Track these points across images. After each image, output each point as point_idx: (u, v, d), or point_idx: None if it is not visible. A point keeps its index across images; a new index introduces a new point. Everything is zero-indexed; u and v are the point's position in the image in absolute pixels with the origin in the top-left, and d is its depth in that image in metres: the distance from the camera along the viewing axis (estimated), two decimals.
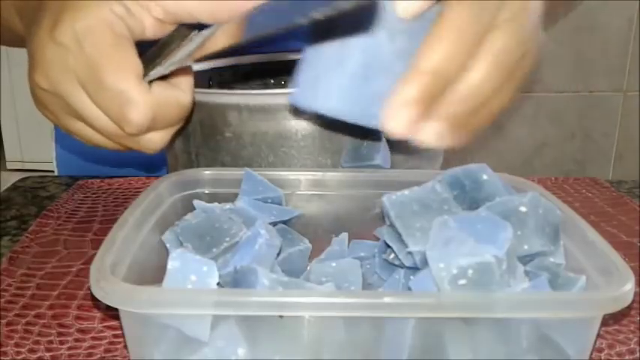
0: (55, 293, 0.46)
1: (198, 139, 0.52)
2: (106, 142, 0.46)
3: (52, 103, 0.44)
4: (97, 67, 0.40)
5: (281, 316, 0.32)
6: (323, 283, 0.37)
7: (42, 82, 0.43)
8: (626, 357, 0.40)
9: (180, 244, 0.39)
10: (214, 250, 0.39)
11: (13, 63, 2.15)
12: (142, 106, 0.41)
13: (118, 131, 0.43)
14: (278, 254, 0.39)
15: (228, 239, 0.39)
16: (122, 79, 0.40)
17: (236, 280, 0.34)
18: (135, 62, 0.41)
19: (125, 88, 0.41)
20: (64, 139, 0.80)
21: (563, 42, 1.69)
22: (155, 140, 0.44)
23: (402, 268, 0.39)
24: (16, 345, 0.40)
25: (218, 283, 0.33)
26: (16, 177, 0.72)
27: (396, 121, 0.35)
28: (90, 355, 0.40)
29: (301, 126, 0.49)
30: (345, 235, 0.45)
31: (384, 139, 0.49)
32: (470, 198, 0.39)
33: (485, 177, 0.39)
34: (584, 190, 0.66)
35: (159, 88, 0.43)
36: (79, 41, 0.40)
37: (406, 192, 0.37)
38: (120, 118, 0.42)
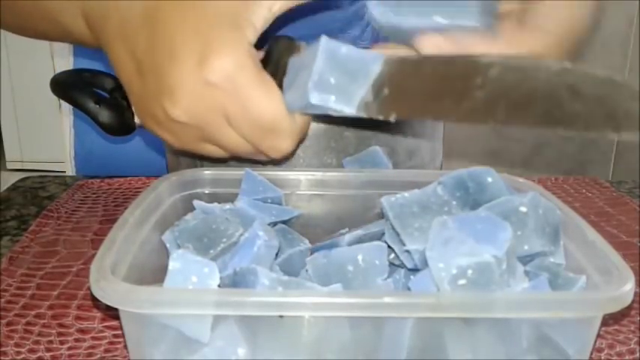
0: (55, 293, 0.46)
1: None
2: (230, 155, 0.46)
3: (185, 133, 0.43)
4: (249, 102, 0.40)
5: (281, 316, 0.32)
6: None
7: (181, 115, 0.41)
8: (626, 357, 0.40)
9: (179, 247, 0.39)
10: (211, 251, 0.39)
11: (13, 63, 2.15)
12: (291, 137, 0.42)
13: (256, 153, 0.44)
14: (277, 254, 0.39)
15: (225, 240, 0.39)
16: (274, 112, 0.40)
17: (236, 282, 0.34)
18: (279, 92, 0.41)
19: (278, 121, 0.41)
20: (84, 140, 0.81)
21: None
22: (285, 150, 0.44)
23: (402, 268, 0.39)
24: (16, 345, 0.40)
25: (218, 286, 0.33)
26: (16, 177, 0.72)
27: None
28: (90, 355, 0.40)
29: None
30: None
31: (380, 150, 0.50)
32: (473, 200, 0.39)
33: (490, 180, 0.39)
34: (584, 190, 0.66)
35: (296, 113, 0.43)
36: (230, 79, 0.40)
37: (406, 194, 0.37)
38: (268, 147, 0.42)
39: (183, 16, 0.41)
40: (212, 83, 0.40)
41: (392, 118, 0.40)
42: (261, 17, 0.41)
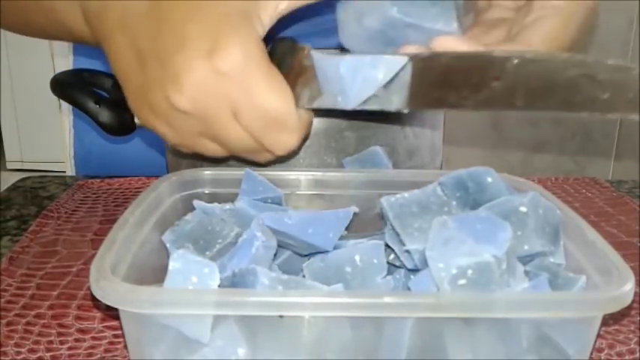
0: (55, 293, 0.46)
1: None
2: (229, 153, 0.45)
3: (185, 125, 0.42)
4: (257, 94, 0.40)
5: (281, 316, 0.32)
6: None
7: (186, 104, 0.40)
8: (626, 357, 0.40)
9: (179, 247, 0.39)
10: (207, 253, 0.39)
11: (13, 63, 2.15)
12: (297, 132, 0.42)
13: (258, 150, 0.43)
14: (276, 255, 0.39)
15: (220, 241, 0.39)
16: (282, 105, 0.40)
17: (235, 283, 0.34)
18: (287, 86, 0.41)
19: (285, 114, 0.40)
20: (84, 140, 0.81)
21: None
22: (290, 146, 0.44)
23: (402, 268, 0.39)
24: (16, 345, 0.40)
25: (217, 287, 0.33)
26: (16, 177, 0.72)
27: None
28: (90, 355, 0.40)
29: None
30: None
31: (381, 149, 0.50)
32: (472, 200, 0.39)
33: (489, 180, 0.39)
34: (584, 190, 0.66)
35: (302, 109, 0.43)
36: (240, 70, 0.39)
37: (406, 194, 0.37)
38: (273, 142, 0.42)
39: (194, 6, 0.41)
40: (222, 72, 0.39)
41: (406, 109, 0.40)
42: (267, 15, 0.41)
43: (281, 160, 0.47)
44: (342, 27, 0.47)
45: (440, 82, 0.38)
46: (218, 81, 0.40)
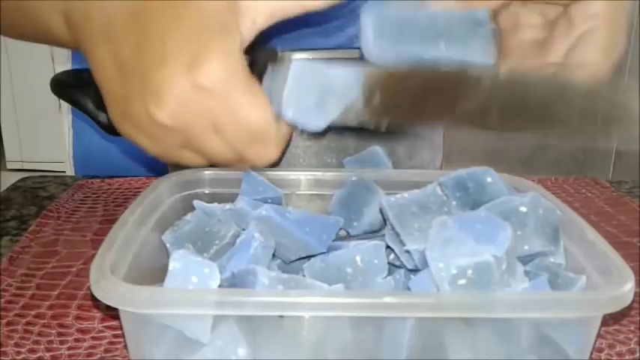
0: (55, 293, 0.46)
1: None
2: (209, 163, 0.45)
3: (165, 138, 0.42)
4: (237, 109, 0.40)
5: (281, 316, 0.32)
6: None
7: (166, 119, 0.40)
8: (626, 357, 0.40)
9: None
10: (205, 254, 0.39)
11: (13, 63, 2.15)
12: (277, 145, 0.42)
13: (239, 161, 0.43)
14: (273, 255, 0.39)
15: (217, 242, 0.39)
16: (262, 119, 0.40)
17: (234, 284, 0.34)
18: (267, 99, 0.41)
19: (265, 128, 0.41)
20: (83, 140, 0.81)
21: None
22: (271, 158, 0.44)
23: (402, 268, 0.39)
24: (16, 345, 0.40)
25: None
26: (16, 177, 0.72)
27: None
28: (90, 355, 0.40)
29: None
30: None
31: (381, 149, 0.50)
32: (472, 200, 0.39)
33: (489, 180, 0.39)
34: (584, 190, 0.66)
35: (282, 121, 0.43)
36: (221, 84, 0.39)
37: (406, 194, 0.37)
38: (254, 155, 0.42)
39: (174, 20, 0.40)
40: (202, 87, 0.39)
41: (383, 126, 0.41)
42: (246, 29, 0.41)
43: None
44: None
45: (416, 96, 0.39)
46: (198, 96, 0.40)
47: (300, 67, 0.40)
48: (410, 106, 0.39)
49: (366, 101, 0.40)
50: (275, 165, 0.45)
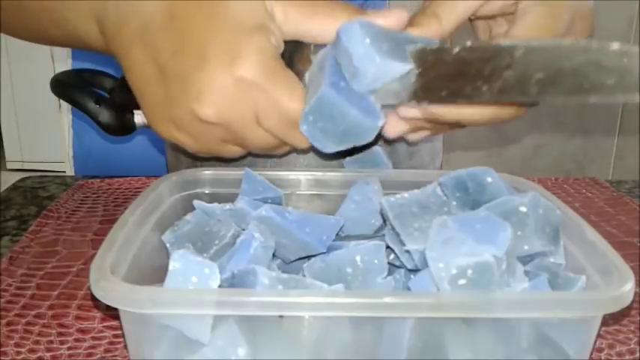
0: (55, 293, 0.46)
1: None
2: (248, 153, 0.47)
3: (209, 134, 0.43)
4: (278, 99, 0.41)
5: (281, 316, 0.32)
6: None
7: (211, 116, 0.41)
8: (626, 357, 0.40)
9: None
10: (205, 254, 0.39)
11: (13, 63, 2.15)
12: None
13: (280, 146, 0.45)
14: (273, 255, 0.40)
15: (217, 242, 0.39)
16: (302, 106, 0.41)
17: (234, 284, 0.34)
18: (303, 87, 0.43)
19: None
20: (83, 140, 0.81)
21: None
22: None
23: (402, 268, 0.39)
24: (16, 345, 0.40)
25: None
26: (16, 177, 0.72)
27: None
28: (90, 355, 0.40)
29: None
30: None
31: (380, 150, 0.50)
32: (472, 200, 0.39)
33: (489, 180, 0.39)
34: (584, 190, 0.66)
35: None
36: (261, 76, 0.41)
37: (405, 195, 0.37)
38: (295, 140, 0.43)
39: (211, 20, 0.41)
40: (244, 80, 0.40)
41: (424, 105, 0.41)
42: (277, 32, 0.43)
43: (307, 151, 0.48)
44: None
45: (453, 75, 0.39)
46: (241, 90, 0.41)
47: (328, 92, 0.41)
48: (448, 84, 0.39)
49: (408, 82, 0.40)
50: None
